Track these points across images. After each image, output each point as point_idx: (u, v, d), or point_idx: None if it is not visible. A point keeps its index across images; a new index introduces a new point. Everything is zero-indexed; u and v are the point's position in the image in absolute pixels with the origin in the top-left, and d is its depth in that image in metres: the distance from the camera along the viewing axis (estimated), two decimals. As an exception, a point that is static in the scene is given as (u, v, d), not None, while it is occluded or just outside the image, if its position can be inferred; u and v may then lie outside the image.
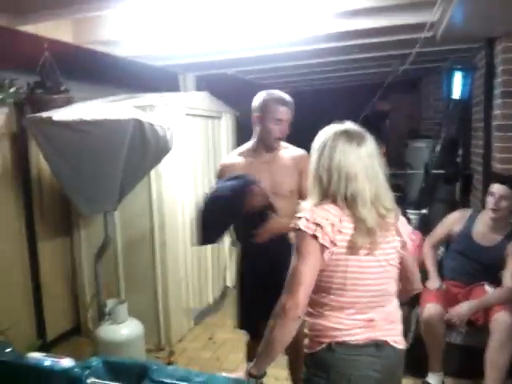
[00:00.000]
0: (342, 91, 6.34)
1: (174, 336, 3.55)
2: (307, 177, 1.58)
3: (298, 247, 1.43)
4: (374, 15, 2.87)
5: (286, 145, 2.40)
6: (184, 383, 1.31)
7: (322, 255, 1.41)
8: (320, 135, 1.55)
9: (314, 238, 1.40)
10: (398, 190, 5.20)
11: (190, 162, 3.83)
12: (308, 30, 3.13)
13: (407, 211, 4.49)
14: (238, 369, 3.07)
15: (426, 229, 3.90)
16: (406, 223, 1.62)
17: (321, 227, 1.39)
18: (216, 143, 4.41)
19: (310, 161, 1.55)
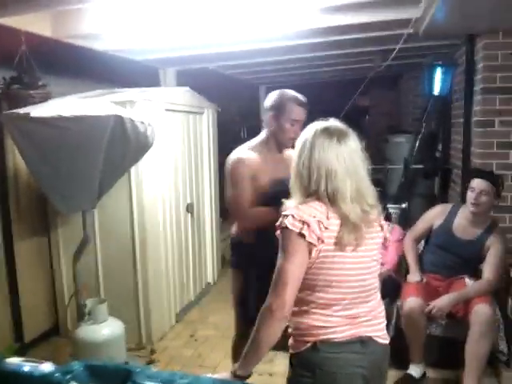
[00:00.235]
0: (325, 87, 6.36)
1: (154, 334, 3.51)
2: None
3: (285, 246, 1.41)
4: (358, 11, 2.88)
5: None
6: (168, 385, 1.28)
7: (309, 253, 1.40)
8: (303, 133, 1.54)
9: (301, 236, 1.38)
10: (378, 184, 5.24)
11: (171, 159, 3.78)
12: (292, 25, 3.11)
13: (387, 206, 4.54)
14: (219, 366, 3.10)
15: (406, 223, 3.95)
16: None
17: (307, 225, 1.38)
18: (197, 139, 4.37)
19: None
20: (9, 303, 3.30)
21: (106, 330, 2.83)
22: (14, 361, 1.40)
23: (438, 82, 4.04)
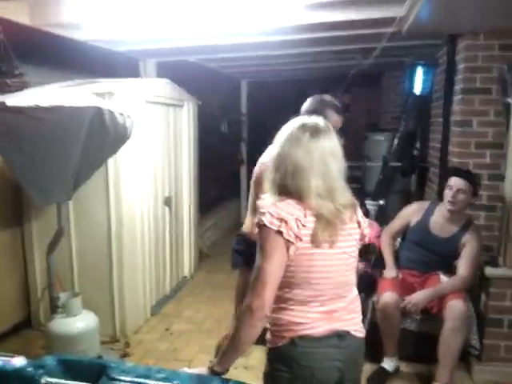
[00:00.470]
0: (308, 83, 6.36)
1: (129, 327, 3.48)
2: None
3: (263, 244, 1.40)
4: (343, 8, 2.87)
5: None
6: (144, 380, 1.27)
7: (287, 251, 1.39)
8: (283, 127, 1.53)
9: (279, 233, 1.37)
10: (356, 181, 5.31)
11: (150, 151, 3.73)
12: (276, 21, 3.09)
13: (365, 202, 4.59)
14: (195, 360, 3.09)
15: (383, 219, 4.00)
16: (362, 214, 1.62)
17: (285, 222, 1.37)
18: (177, 132, 4.33)
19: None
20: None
21: (79, 323, 2.80)
22: (-16, 355, 1.36)
23: (418, 81, 4.08)
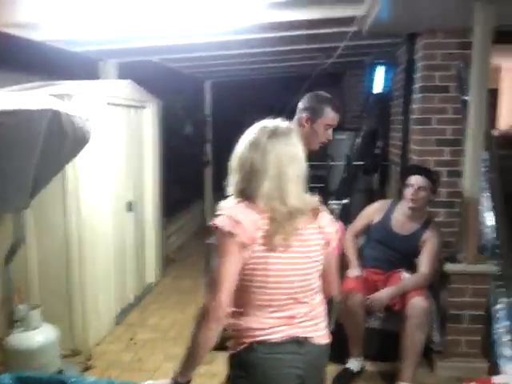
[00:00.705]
0: (270, 83, 6.37)
1: (92, 339, 3.37)
2: None
3: (218, 245, 1.40)
4: (304, 8, 2.89)
5: None
6: (106, 395, 1.24)
7: (242, 253, 1.38)
8: (246, 132, 1.52)
9: (233, 235, 1.36)
10: (320, 181, 5.36)
11: (111, 154, 3.64)
12: (237, 20, 3.08)
13: (330, 201, 4.63)
14: (160, 369, 3.04)
15: (347, 218, 4.06)
16: (331, 220, 1.59)
17: (240, 224, 1.37)
18: (140, 134, 4.25)
19: None
20: None
21: (39, 336, 2.71)
22: None
23: (378, 80, 4.16)
